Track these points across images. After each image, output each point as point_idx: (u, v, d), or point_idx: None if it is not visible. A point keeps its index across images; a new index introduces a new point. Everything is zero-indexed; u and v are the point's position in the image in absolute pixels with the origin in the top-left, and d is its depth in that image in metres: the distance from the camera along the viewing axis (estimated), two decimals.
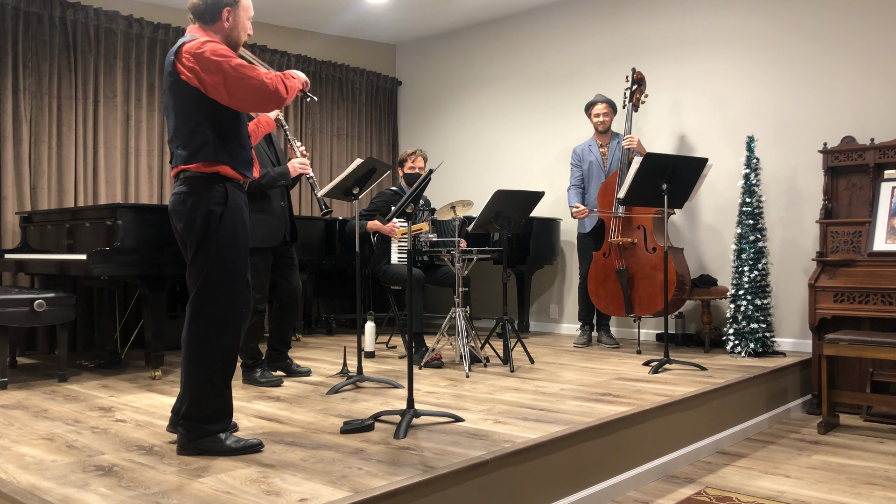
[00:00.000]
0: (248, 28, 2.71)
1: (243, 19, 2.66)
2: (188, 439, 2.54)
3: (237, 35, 2.66)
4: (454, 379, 4.01)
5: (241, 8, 2.65)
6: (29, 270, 4.77)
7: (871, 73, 4.79)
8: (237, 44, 2.68)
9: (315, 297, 6.62)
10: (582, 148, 5.40)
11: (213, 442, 2.53)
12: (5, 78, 5.08)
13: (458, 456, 2.47)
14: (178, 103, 2.53)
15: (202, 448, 2.53)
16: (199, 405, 2.54)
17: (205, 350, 2.53)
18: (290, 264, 4.09)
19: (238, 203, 2.58)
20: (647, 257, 4.93)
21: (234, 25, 2.63)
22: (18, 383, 4.00)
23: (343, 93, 7.14)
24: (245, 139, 2.64)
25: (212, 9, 2.60)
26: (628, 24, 5.93)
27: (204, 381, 2.54)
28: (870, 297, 4.12)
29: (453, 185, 7.00)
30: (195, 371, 2.53)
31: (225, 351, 2.56)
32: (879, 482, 3.11)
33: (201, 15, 2.61)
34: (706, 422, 3.62)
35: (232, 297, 2.55)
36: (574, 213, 5.27)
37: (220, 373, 2.56)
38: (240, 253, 2.57)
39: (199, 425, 2.53)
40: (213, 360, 2.54)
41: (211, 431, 2.54)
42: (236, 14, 2.63)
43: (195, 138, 2.51)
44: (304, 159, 3.97)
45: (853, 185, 4.58)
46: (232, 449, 2.52)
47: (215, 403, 2.56)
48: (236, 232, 2.55)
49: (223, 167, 2.53)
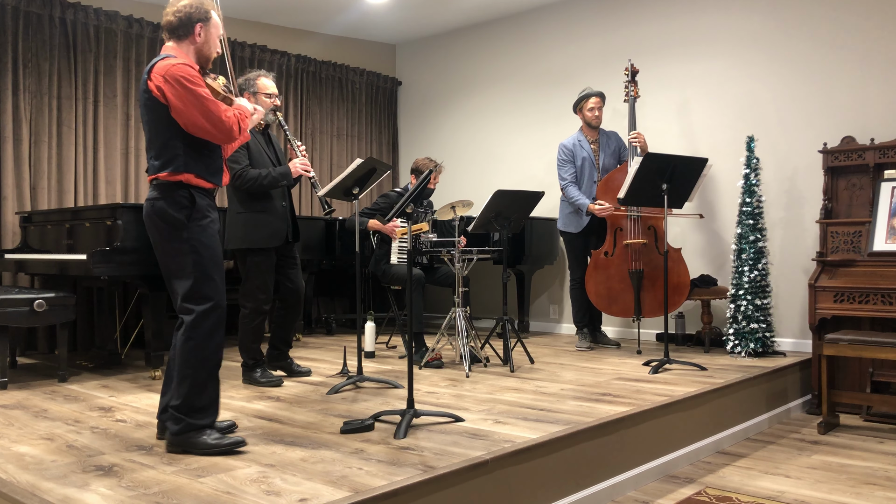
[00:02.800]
0: (218, 46, 2.81)
1: (214, 36, 2.78)
2: (174, 433, 2.61)
3: (208, 51, 2.78)
4: (454, 379, 4.01)
5: (213, 25, 2.77)
6: (29, 270, 4.77)
7: (871, 73, 4.79)
8: (208, 59, 2.80)
9: (315, 297, 6.62)
10: (572, 143, 5.17)
11: (199, 437, 2.59)
12: (5, 78, 5.08)
13: (458, 456, 2.47)
14: (151, 118, 2.66)
15: (188, 444, 2.59)
16: (198, 397, 2.63)
17: (200, 350, 2.62)
18: (293, 264, 4.09)
19: (204, 208, 2.69)
20: (660, 259, 4.88)
21: (205, 41, 2.75)
22: (18, 383, 4.00)
23: (343, 93, 7.14)
24: (215, 149, 2.76)
25: (185, 24, 2.71)
26: (628, 23, 5.93)
27: (206, 372, 2.63)
28: (870, 297, 4.12)
29: (453, 185, 7.00)
30: (189, 369, 2.61)
31: (216, 348, 2.66)
32: (879, 482, 3.11)
33: (175, 30, 2.72)
34: (706, 422, 3.62)
35: (217, 293, 2.66)
36: (598, 211, 4.94)
37: (211, 369, 2.66)
38: (213, 251, 2.68)
39: (189, 420, 2.61)
40: (207, 358, 2.63)
41: (197, 426, 2.61)
42: (208, 30, 2.75)
43: (167, 151, 2.65)
44: (304, 159, 3.97)
45: (853, 185, 4.58)
46: (216, 446, 2.58)
47: (213, 392, 2.67)
48: (205, 230, 2.67)
49: (190, 176, 2.66)
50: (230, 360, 4.73)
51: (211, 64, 2.83)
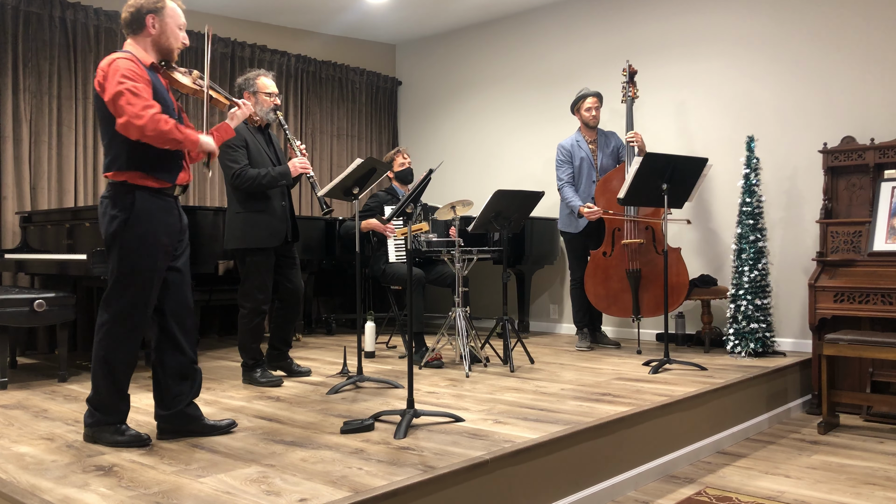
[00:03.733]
0: (179, 36, 2.76)
1: (171, 26, 2.73)
2: (86, 425, 2.72)
3: (166, 42, 2.73)
4: (454, 379, 4.01)
5: (167, 15, 2.72)
6: (29, 270, 4.77)
7: (871, 73, 4.79)
8: (169, 51, 2.75)
9: (315, 297, 6.62)
10: (570, 143, 5.18)
11: (106, 432, 2.68)
12: (5, 78, 5.08)
13: (458, 456, 2.47)
14: (99, 116, 2.67)
15: (98, 437, 2.70)
16: (97, 395, 2.69)
17: (108, 346, 2.65)
18: (292, 264, 4.09)
19: (148, 209, 2.66)
20: (659, 259, 4.89)
21: (161, 32, 2.71)
22: (18, 383, 4.00)
23: (343, 93, 7.14)
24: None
25: (136, 18, 2.69)
26: (628, 23, 5.93)
27: (104, 374, 2.67)
28: (870, 297, 4.12)
29: (453, 185, 7.00)
30: (98, 364, 2.66)
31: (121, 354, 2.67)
32: (879, 482, 3.11)
33: (129, 25, 2.71)
34: (706, 422, 3.62)
35: (135, 300, 2.66)
36: (587, 214, 4.97)
37: (118, 369, 2.68)
38: (145, 258, 2.66)
39: (97, 414, 2.70)
40: (114, 357, 2.66)
41: (105, 421, 2.69)
42: (162, 21, 2.71)
43: (112, 149, 2.65)
44: (304, 159, 3.97)
45: (853, 185, 4.58)
46: (118, 441, 2.66)
47: (111, 396, 2.69)
48: (144, 237, 2.65)
49: (134, 175, 2.64)
50: (230, 359, 4.73)
51: (176, 55, 2.79)
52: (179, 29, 2.77)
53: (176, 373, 2.80)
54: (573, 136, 5.25)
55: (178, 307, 2.81)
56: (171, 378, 2.79)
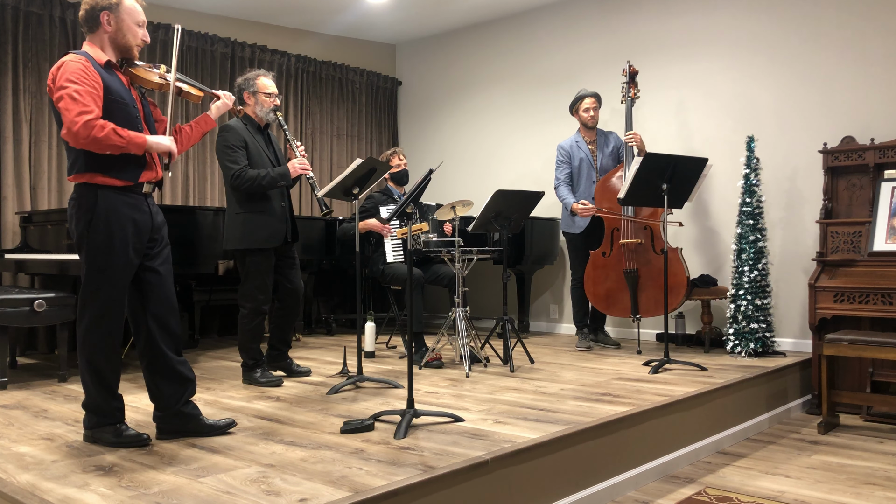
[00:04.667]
0: (138, 34, 2.73)
1: (128, 23, 2.69)
2: (85, 427, 2.75)
3: (123, 39, 2.69)
4: (454, 379, 4.01)
5: (124, 11, 2.68)
6: (29, 270, 4.77)
7: (871, 73, 4.79)
8: (127, 48, 2.72)
9: (315, 297, 6.62)
10: (570, 144, 5.21)
11: (105, 433, 2.69)
12: (5, 78, 5.08)
13: (458, 456, 2.47)
14: (56, 118, 2.64)
15: (97, 438, 2.71)
16: (89, 398, 2.71)
17: (91, 349, 2.65)
18: (292, 264, 4.09)
19: (113, 209, 2.63)
20: (656, 259, 4.90)
21: (117, 29, 2.68)
22: (18, 383, 4.00)
23: (343, 93, 7.14)
24: None
25: (91, 16, 2.66)
26: (628, 24, 5.93)
27: (91, 378, 2.68)
28: (870, 297, 4.12)
29: (453, 185, 7.00)
30: (85, 368, 2.68)
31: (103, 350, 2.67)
32: (879, 482, 3.11)
33: (86, 23, 2.68)
34: (706, 422, 3.62)
35: (105, 298, 2.65)
36: (580, 211, 5.01)
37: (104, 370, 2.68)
38: (114, 257, 2.64)
39: (94, 416, 2.71)
40: (97, 359, 2.66)
41: (103, 423, 2.70)
42: (118, 18, 2.67)
43: (70, 151, 2.64)
44: (303, 159, 3.96)
45: (853, 185, 4.58)
46: (117, 442, 2.67)
47: (102, 398, 2.70)
48: (111, 236, 2.63)
49: (93, 176, 2.62)
50: (230, 360, 4.73)
51: (136, 52, 2.75)
52: (139, 26, 2.73)
53: (164, 374, 2.77)
54: (573, 136, 5.27)
55: (159, 308, 2.75)
56: (160, 380, 2.78)
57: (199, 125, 2.98)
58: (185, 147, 2.94)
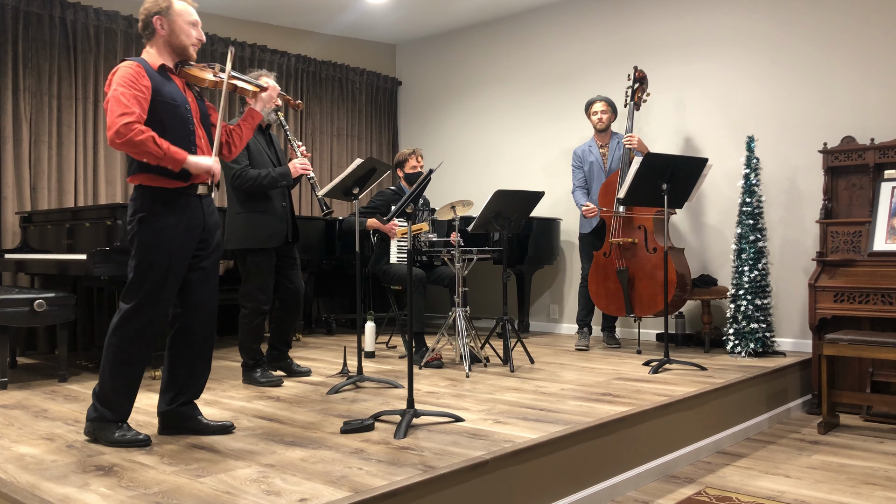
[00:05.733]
0: (192, 34, 2.78)
1: (180, 24, 2.75)
2: (88, 419, 2.73)
3: (177, 40, 2.75)
4: (454, 379, 4.01)
5: (175, 13, 2.74)
6: (29, 270, 4.77)
7: (871, 73, 4.79)
8: (182, 48, 2.77)
9: (315, 297, 6.62)
10: (582, 149, 5.37)
11: (106, 430, 2.67)
12: (5, 78, 5.08)
13: (458, 456, 2.47)
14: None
15: (98, 433, 2.69)
16: (103, 389, 2.69)
17: (121, 340, 2.67)
18: (293, 264, 4.09)
19: (163, 208, 2.69)
20: (648, 257, 4.93)
21: (171, 31, 2.74)
22: (18, 383, 4.00)
23: (343, 93, 7.14)
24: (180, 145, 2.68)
25: (146, 23, 2.74)
26: (628, 24, 5.93)
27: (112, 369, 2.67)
28: (870, 297, 4.12)
29: (453, 185, 7.00)
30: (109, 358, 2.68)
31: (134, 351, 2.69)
32: (879, 482, 3.11)
33: (143, 31, 2.76)
34: (706, 422, 3.62)
35: (151, 295, 2.67)
36: (585, 212, 5.17)
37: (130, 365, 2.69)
38: (160, 255, 2.67)
39: (100, 409, 2.69)
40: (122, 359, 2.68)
41: (107, 418, 2.68)
42: (170, 20, 2.73)
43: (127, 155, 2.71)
44: (304, 160, 3.96)
45: (853, 185, 4.58)
46: (116, 441, 2.65)
47: (117, 393, 2.69)
48: (159, 234, 2.68)
49: (146, 178, 2.68)
50: (230, 360, 4.73)
51: (192, 51, 2.80)
52: (192, 26, 2.78)
53: (185, 369, 2.83)
54: (587, 141, 5.42)
55: (197, 305, 2.82)
56: (180, 373, 2.82)
57: (247, 122, 3.04)
58: (241, 147, 3.03)
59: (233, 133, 3.00)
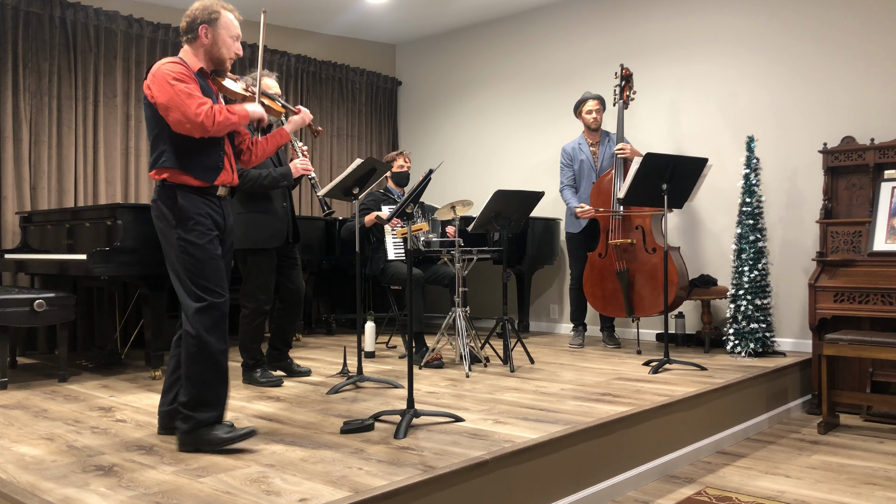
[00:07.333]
0: (232, 47, 2.82)
1: (224, 37, 2.79)
2: (182, 433, 2.63)
3: (218, 52, 2.79)
4: (454, 379, 4.01)
5: (221, 26, 2.78)
6: (29, 270, 4.77)
7: (871, 73, 4.79)
8: (220, 60, 2.81)
9: (315, 297, 6.62)
10: (572, 147, 5.31)
11: (208, 433, 2.61)
12: (5, 78, 5.08)
13: (458, 456, 2.47)
14: (146, 116, 2.74)
15: (200, 441, 2.60)
16: (199, 390, 2.64)
17: (198, 347, 2.63)
18: (293, 264, 4.09)
19: (194, 204, 2.69)
20: (648, 258, 4.93)
21: (213, 42, 2.78)
22: (18, 383, 4.00)
23: (343, 93, 7.14)
24: (209, 146, 2.73)
25: (191, 27, 2.77)
26: (628, 24, 5.93)
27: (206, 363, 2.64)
28: (870, 297, 4.12)
29: (453, 185, 7.00)
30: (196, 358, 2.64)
31: (215, 344, 2.66)
32: (879, 482, 3.11)
33: (185, 33, 2.79)
34: (706, 422, 3.62)
35: (209, 286, 2.67)
36: (578, 213, 5.12)
37: (212, 366, 2.66)
38: (205, 251, 2.68)
39: (195, 414, 2.62)
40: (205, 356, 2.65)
41: (205, 421, 2.62)
42: (215, 31, 2.77)
43: (155, 148, 2.73)
44: (305, 160, 3.97)
45: (853, 185, 4.58)
46: (224, 440, 2.60)
47: (215, 386, 2.67)
48: (192, 231, 2.68)
49: (174, 173, 2.68)
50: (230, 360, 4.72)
51: (229, 64, 2.86)
52: (234, 40, 2.83)
53: None
54: (576, 139, 5.36)
55: None
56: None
57: (274, 138, 3.08)
58: (260, 158, 3.05)
59: (258, 143, 3.04)
